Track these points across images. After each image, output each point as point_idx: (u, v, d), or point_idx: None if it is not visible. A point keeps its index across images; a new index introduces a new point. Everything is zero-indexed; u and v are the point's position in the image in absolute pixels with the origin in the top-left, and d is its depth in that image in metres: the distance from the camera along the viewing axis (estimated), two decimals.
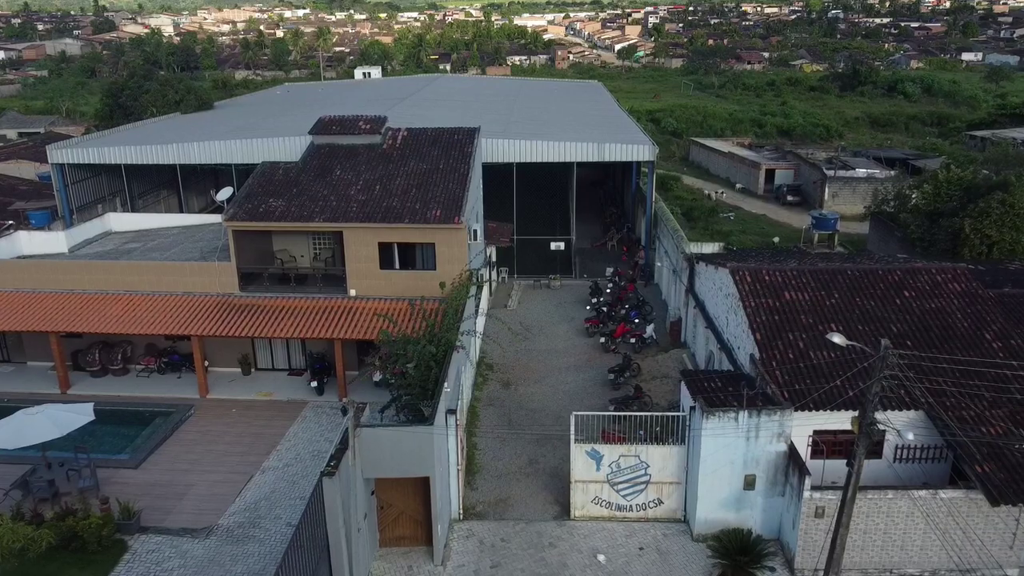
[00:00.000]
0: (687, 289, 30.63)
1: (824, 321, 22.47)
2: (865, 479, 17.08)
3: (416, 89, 61.94)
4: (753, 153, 72.49)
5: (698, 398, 19.28)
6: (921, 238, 39.96)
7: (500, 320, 33.12)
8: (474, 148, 31.72)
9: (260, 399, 27.77)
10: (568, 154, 38.78)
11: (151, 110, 54.27)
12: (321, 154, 31.74)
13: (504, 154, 38.55)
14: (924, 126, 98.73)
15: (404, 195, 28.62)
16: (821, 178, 60.15)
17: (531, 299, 37.50)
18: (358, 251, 27.81)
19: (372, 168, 30.53)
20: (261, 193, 29.27)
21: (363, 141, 32.24)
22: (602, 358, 30.40)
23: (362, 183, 29.53)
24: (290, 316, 27.37)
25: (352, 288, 28.21)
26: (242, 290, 28.67)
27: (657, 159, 47.25)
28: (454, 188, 28.88)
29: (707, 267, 28.11)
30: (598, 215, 50.93)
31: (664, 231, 37.35)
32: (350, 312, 27.44)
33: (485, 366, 29.84)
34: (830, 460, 19.87)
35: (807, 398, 19.61)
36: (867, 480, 18.29)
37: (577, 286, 38.83)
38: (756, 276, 24.14)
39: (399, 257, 28.08)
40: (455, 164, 30.60)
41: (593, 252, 44.31)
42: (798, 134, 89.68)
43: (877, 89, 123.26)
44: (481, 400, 27.26)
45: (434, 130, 33.43)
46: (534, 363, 30.24)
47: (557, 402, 27.05)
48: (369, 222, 27.33)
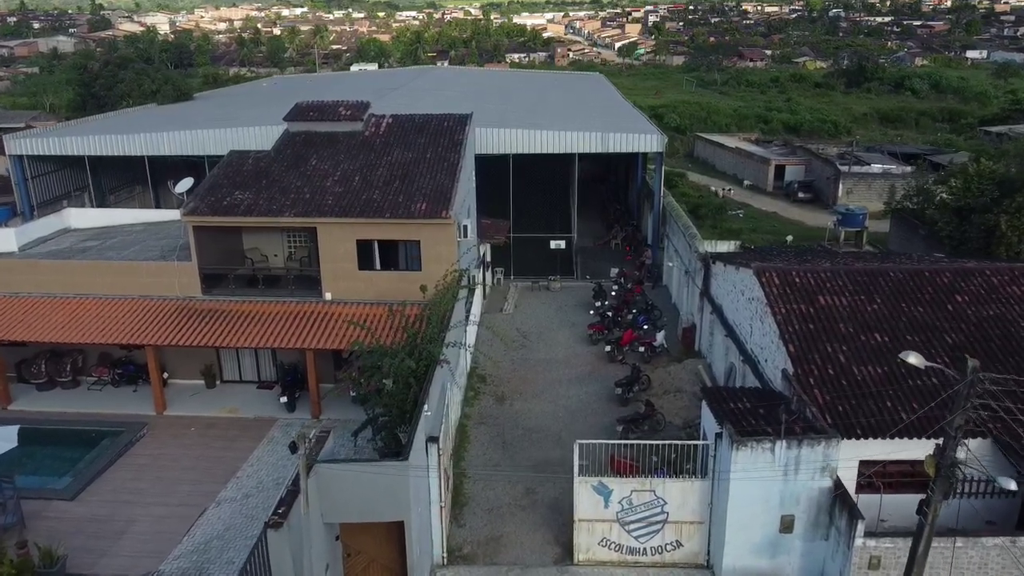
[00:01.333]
0: (702, 292, 27.59)
1: (867, 330, 19.42)
2: (913, 518, 14.05)
3: (409, 80, 58.84)
4: (761, 149, 69.49)
5: (725, 424, 16.21)
6: (950, 236, 37.00)
7: (495, 326, 30.11)
8: (465, 136, 28.67)
9: (223, 416, 24.69)
10: (569, 145, 35.74)
11: (126, 100, 51.15)
12: (296, 142, 28.67)
13: (500, 145, 35.50)
14: (935, 122, 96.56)
15: (386, 187, 25.57)
16: (835, 174, 57.24)
17: (529, 302, 34.44)
18: (334, 249, 24.75)
19: (352, 158, 27.47)
20: (227, 185, 26.20)
21: (343, 128, 29.17)
22: (607, 368, 27.34)
23: (340, 174, 26.47)
24: (257, 323, 24.31)
25: (327, 291, 25.15)
26: (205, 293, 25.60)
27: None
28: (442, 180, 25.83)
29: (726, 268, 25.06)
30: (600, 212, 47.88)
31: (674, 229, 34.31)
32: (324, 318, 24.38)
33: (477, 378, 26.78)
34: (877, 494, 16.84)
35: (856, 424, 16.56)
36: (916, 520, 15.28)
37: (579, 288, 35.77)
38: (785, 278, 21.09)
39: (380, 256, 25.02)
40: (444, 154, 27.54)
41: (596, 251, 41.27)
42: (805, 130, 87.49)
43: (884, 85, 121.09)
44: (472, 418, 24.19)
45: (422, 117, 30.37)
46: (532, 374, 27.17)
47: (558, 420, 23.99)
48: (346, 217, 24.26)
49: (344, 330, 23.59)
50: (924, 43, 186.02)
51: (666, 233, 36.00)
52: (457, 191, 25.12)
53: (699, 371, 25.80)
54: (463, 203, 26.84)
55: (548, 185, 43.77)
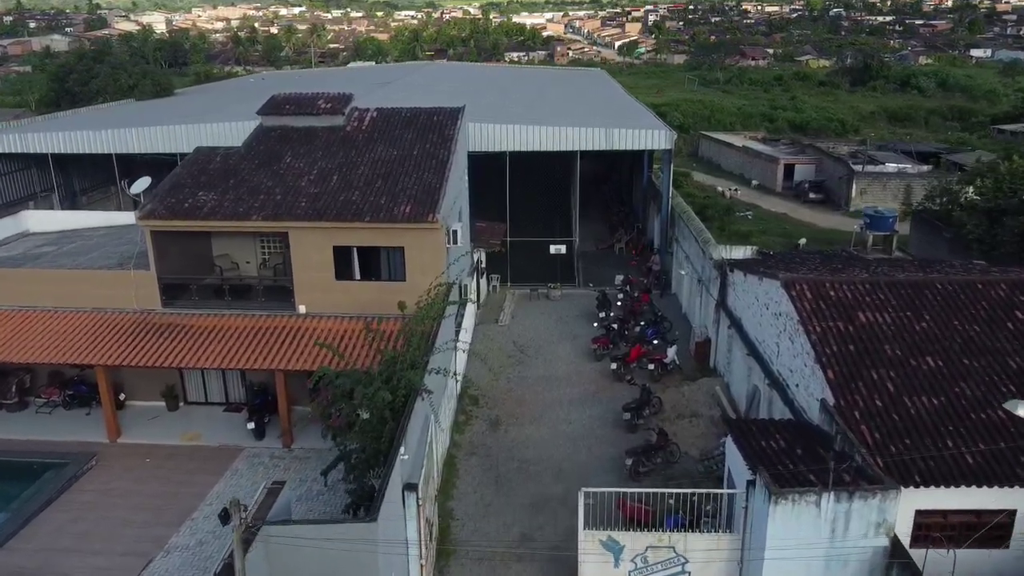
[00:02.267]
0: (718, 303, 24.96)
1: (916, 353, 16.78)
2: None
3: (402, 75, 56.20)
4: (769, 147, 66.91)
5: (760, 471, 13.57)
6: (980, 239, 34.38)
7: (488, 341, 27.53)
8: (457, 132, 26.05)
9: (184, 444, 22.05)
10: (571, 141, 33.10)
11: (102, 96, 48.43)
12: (271, 138, 26.04)
13: (496, 141, 32.89)
14: (944, 121, 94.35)
15: (367, 187, 22.94)
16: (847, 173, 54.66)
17: (527, 312, 31.79)
18: (308, 257, 22.12)
19: (331, 155, 24.85)
20: (190, 185, 23.56)
21: (322, 123, 26.54)
22: (613, 388, 24.70)
23: (316, 173, 23.84)
24: (222, 339, 21.66)
25: (301, 303, 22.52)
26: (165, 306, 22.95)
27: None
28: (430, 179, 23.20)
29: (746, 277, 22.43)
30: (603, 214, 45.23)
31: (683, 232, 31.68)
32: (297, 334, 21.75)
33: (469, 399, 24.14)
34: (934, 549, 14.23)
35: (914, 468, 13.94)
36: None
37: (581, 296, 33.13)
38: (818, 291, 18.46)
39: (360, 264, 22.38)
40: (433, 150, 24.93)
41: (598, 256, 38.64)
42: (812, 129, 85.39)
43: (889, 84, 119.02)
44: (462, 447, 21.53)
45: (410, 110, 27.75)
46: (530, 395, 24.53)
47: (558, 449, 21.34)
48: (321, 220, 21.63)
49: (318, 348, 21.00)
50: (927, 42, 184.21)
51: (675, 237, 33.38)
52: (446, 192, 22.50)
53: (716, 393, 23.15)
54: (453, 205, 24.23)
55: (548, 185, 41.16)
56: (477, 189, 32.92)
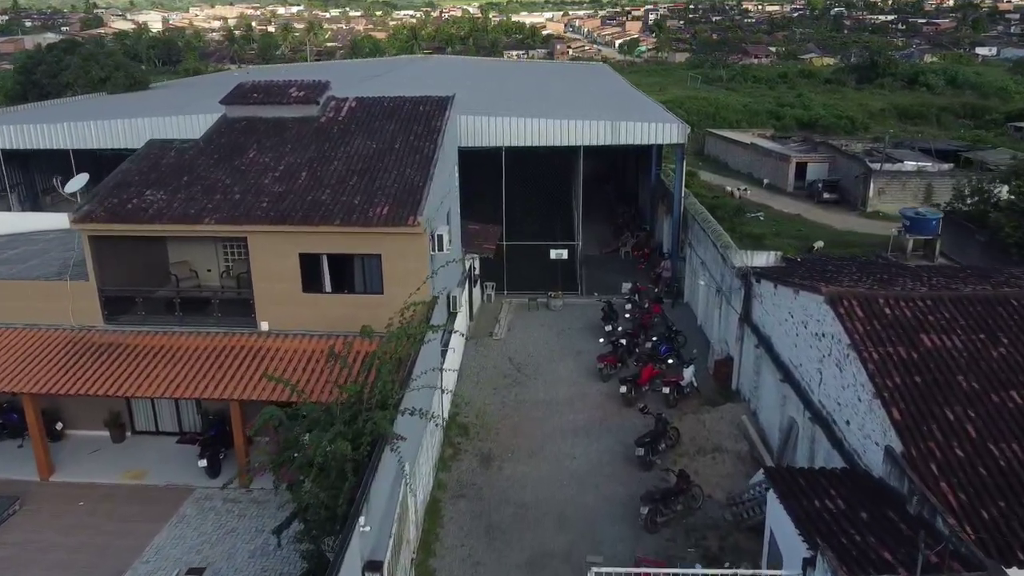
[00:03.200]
0: (741, 318, 21.94)
1: (998, 386, 13.78)
2: None
3: (393, 68, 53.16)
4: (779, 145, 63.92)
5: (823, 550, 10.51)
6: (1019, 243, 31.51)
7: (482, 355, 24.53)
8: (444, 123, 23.03)
9: (125, 483, 19.04)
10: (573, 136, 30.08)
11: (72, 89, 45.37)
12: (234, 130, 23.02)
13: (490, 136, 29.89)
14: (956, 118, 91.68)
15: (340, 185, 19.92)
16: (864, 172, 51.65)
17: (525, 324, 28.77)
18: (270, 265, 19.11)
19: (301, 148, 21.84)
20: (137, 182, 20.55)
21: (294, 113, 23.53)
22: (622, 415, 21.67)
23: (283, 169, 20.82)
24: (171, 362, 18.65)
25: (263, 319, 19.50)
26: (107, 321, 19.93)
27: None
28: (412, 176, 20.18)
29: (776, 289, 19.42)
30: (607, 215, 42.17)
31: (698, 236, 28.69)
32: (257, 355, 18.75)
33: (457, 428, 21.11)
34: None
35: (1016, 542, 10.92)
36: None
37: (584, 306, 30.12)
38: (871, 308, 15.46)
39: (330, 275, 19.37)
40: (417, 143, 21.91)
41: (603, 261, 35.63)
42: (820, 126, 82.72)
43: (897, 81, 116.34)
44: (447, 489, 18.49)
45: (392, 100, 24.74)
46: (527, 423, 21.51)
47: (561, 490, 18.32)
48: (284, 224, 18.61)
49: (283, 371, 18.02)
50: (931, 40, 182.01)
51: (688, 241, 30.38)
52: (431, 191, 19.48)
53: (743, 423, 20.11)
54: (440, 206, 21.20)
55: (547, 185, 38.16)
56: (470, 189, 29.96)
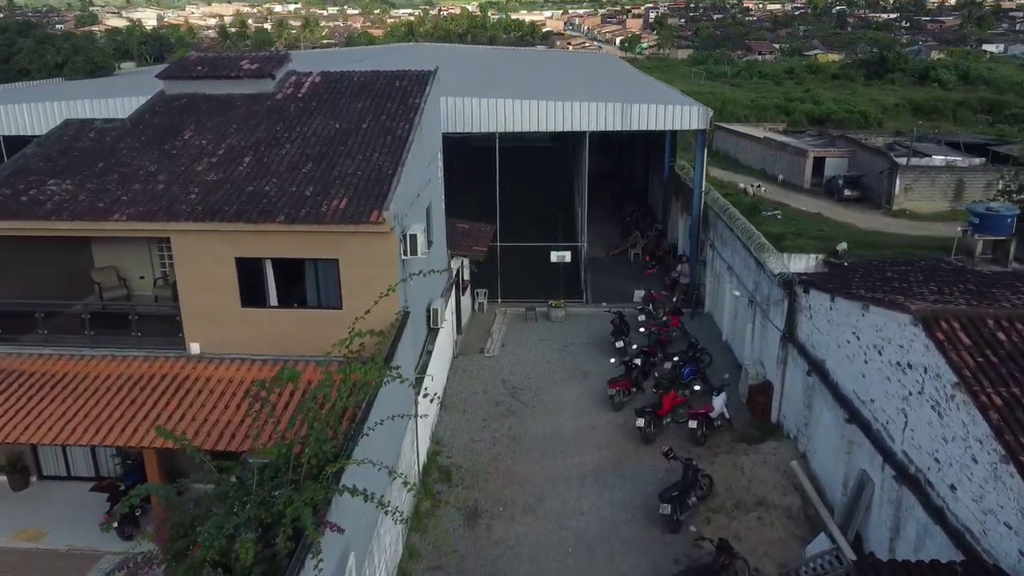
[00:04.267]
0: (785, 336, 18.02)
1: None
2: None
3: (379, 54, 49.13)
4: (794, 139, 60.07)
5: None
6: None
7: (470, 377, 20.60)
8: (424, 101, 19.12)
9: (17, 546, 15.14)
10: (578, 119, 26.14)
11: (25, 74, 41.45)
12: (171, 109, 19.12)
13: (482, 120, 25.97)
14: (974, 113, 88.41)
15: (290, 173, 16.03)
16: (890, 167, 47.78)
17: (521, 338, 24.85)
18: (200, 273, 15.22)
19: (249, 129, 17.94)
20: (42, 170, 16.62)
21: (245, 89, 19.63)
22: (640, 455, 17.74)
23: (223, 153, 16.92)
24: (75, 394, 14.76)
25: (193, 340, 15.60)
26: (1, 343, 16.04)
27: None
28: (380, 161, 16.28)
29: (834, 302, 15.50)
30: (613, 214, 38.19)
31: (722, 235, 24.81)
32: (183, 386, 14.86)
33: (438, 473, 17.17)
34: None
35: None
36: None
37: (590, 317, 26.21)
38: (979, 332, 11.56)
39: (276, 285, 15.47)
40: (389, 123, 18.00)
41: (609, 264, 31.69)
42: (832, 121, 79.50)
43: (907, 77, 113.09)
44: (421, 557, 14.52)
45: (364, 74, 20.85)
46: (524, 465, 17.58)
47: (566, 562, 14.38)
48: (215, 220, 14.70)
49: (213, 408, 14.16)
50: (937, 37, 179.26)
51: (710, 241, 26.46)
52: (402, 179, 15.59)
53: (792, 470, 16.15)
54: (416, 200, 17.30)
55: (547, 179, 34.27)
56: (459, 183, 26.14)
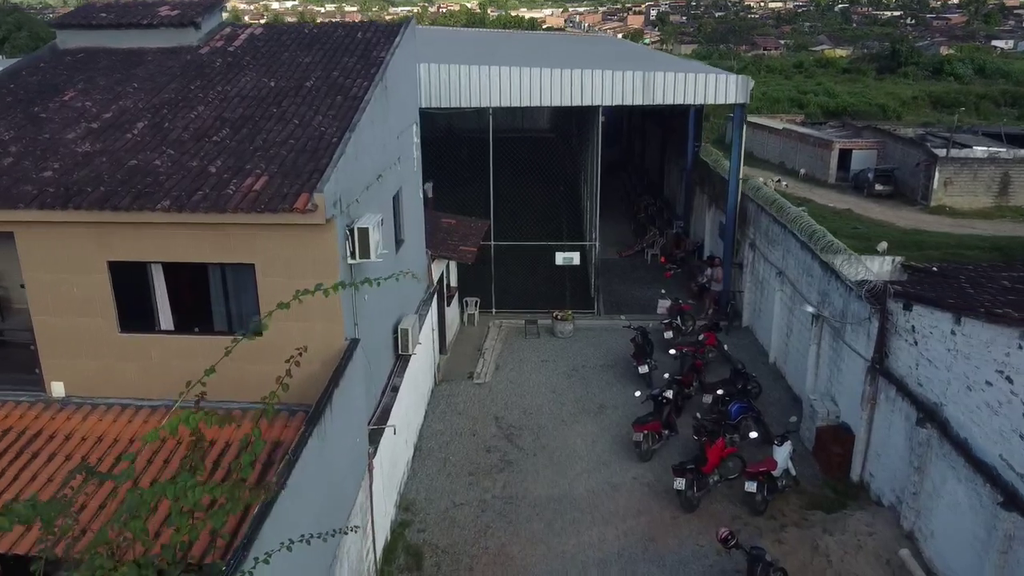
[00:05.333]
0: (874, 367, 13.41)
1: None
2: None
3: None
4: (815, 131, 55.63)
5: None
6: None
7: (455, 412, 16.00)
8: (391, 55, 14.52)
9: None
10: (589, 91, 21.50)
11: None
12: (61, 65, 14.54)
13: (473, 93, 21.33)
14: (997, 106, 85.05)
15: (195, 142, 11.44)
16: (927, 159, 43.31)
17: (520, 359, 20.23)
18: (58, 283, 10.65)
19: (154, 88, 13.35)
20: None
21: (160, 42, 15.07)
22: (680, 528, 13.11)
23: (109, 118, 12.33)
24: None
25: (55, 378, 11.01)
26: None
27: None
28: (322, 127, 11.69)
29: (962, 325, 10.90)
30: (625, 208, 33.48)
31: (768, 233, 20.24)
32: (31, 447, 10.27)
33: (406, 554, 12.53)
34: None
35: None
36: None
37: (604, 331, 21.61)
38: None
39: (170, 301, 10.89)
40: (342, 81, 13.41)
41: (623, 267, 27.05)
42: (849, 114, 76.12)
43: (921, 70, 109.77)
44: None
45: (319, 26, 16.28)
46: (521, 543, 12.96)
47: None
48: (71, 207, 10.10)
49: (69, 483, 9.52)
50: (945, 33, 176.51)
51: (749, 239, 21.86)
52: (351, 151, 11.01)
53: (901, 560, 11.53)
54: (373, 182, 12.67)
55: (549, 168, 29.68)
56: (443, 168, 21.56)
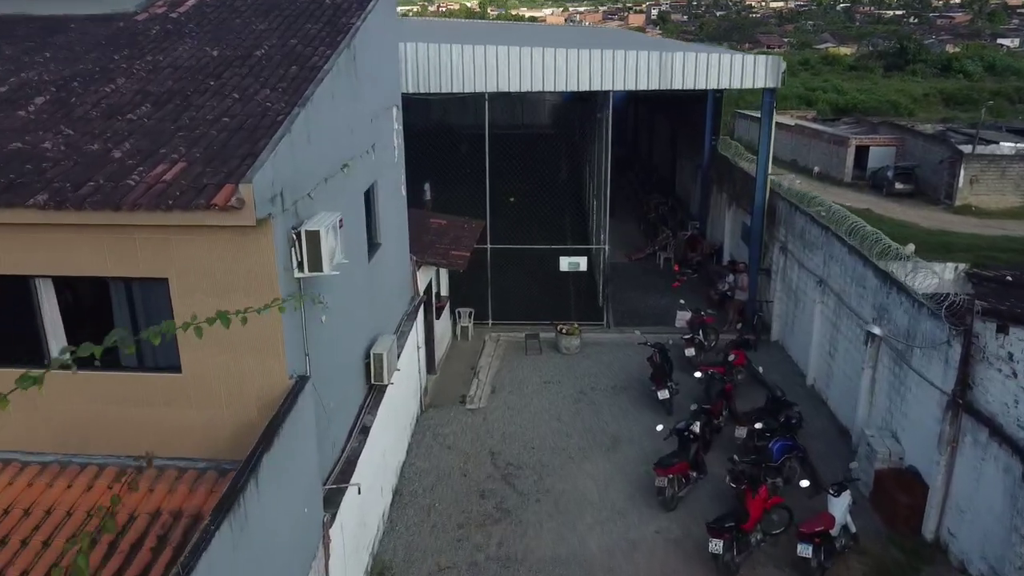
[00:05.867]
0: (954, 401, 10.89)
1: None
2: None
3: None
4: (827, 127, 53.25)
5: None
6: None
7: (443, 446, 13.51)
8: (363, 21, 12.00)
9: None
10: (598, 75, 18.95)
11: None
12: None
13: (465, 76, 18.78)
14: (1012, 104, 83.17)
15: (106, 121, 8.93)
16: (952, 156, 40.88)
17: (520, 380, 17.69)
18: None
19: (69, 59, 10.84)
20: None
21: (90, 8, 12.59)
22: None
23: (3, 93, 9.82)
24: None
25: None
26: None
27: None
28: (268, 102, 9.19)
29: None
30: (632, 208, 30.93)
31: (801, 234, 17.75)
32: None
33: None
34: None
35: None
36: None
37: (615, 347, 19.07)
38: None
39: (64, 325, 8.37)
40: (300, 49, 10.89)
41: (631, 272, 24.48)
42: (859, 111, 74.37)
43: (929, 68, 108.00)
44: None
45: None
46: None
47: None
48: None
49: None
50: (949, 31, 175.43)
51: (779, 242, 19.35)
52: (301, 131, 8.50)
53: None
54: (336, 178, 10.10)
55: (552, 161, 27.18)
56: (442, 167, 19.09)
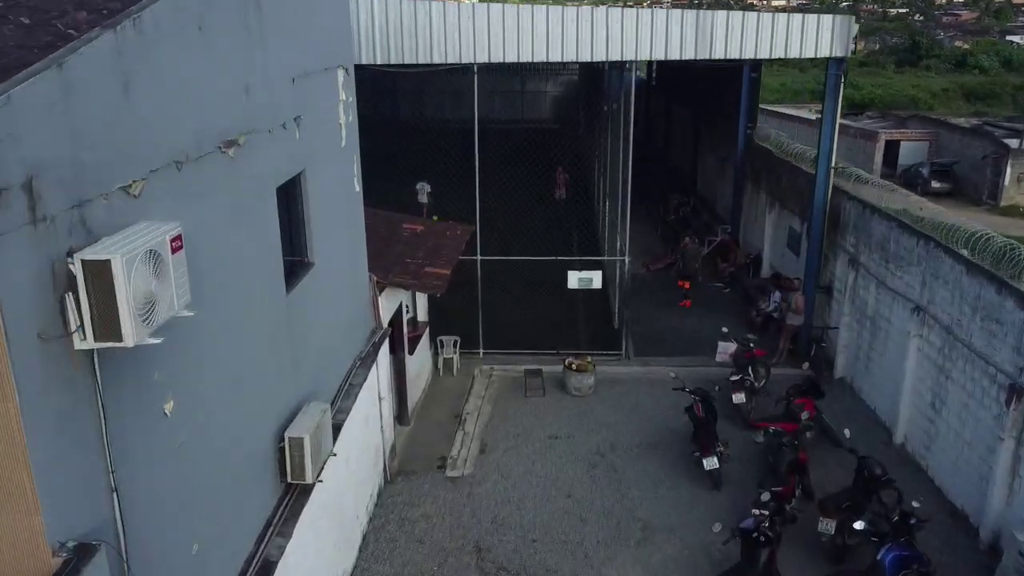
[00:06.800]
0: None
1: None
2: None
3: None
4: (851, 121, 49.40)
5: None
6: None
7: (412, 538, 9.61)
8: None
9: None
10: (617, 39, 14.87)
11: None
12: None
13: (449, 42, 14.73)
14: None
15: None
16: (996, 152, 37.12)
17: (516, 434, 13.70)
18: None
19: None
20: None
21: None
22: None
23: None
24: None
25: None
26: None
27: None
28: (70, 32, 5.28)
29: None
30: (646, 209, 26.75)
31: (882, 244, 13.89)
32: None
33: None
34: None
35: None
36: None
37: (638, 384, 15.10)
38: None
39: None
40: None
41: (648, 283, 20.46)
42: (876, 106, 71.77)
43: (943, 63, 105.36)
44: None
45: None
46: None
47: None
48: None
49: None
50: (957, 28, 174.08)
51: (848, 253, 15.45)
52: (94, 75, 4.58)
53: None
54: (198, 154, 6.17)
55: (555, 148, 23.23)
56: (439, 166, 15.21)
